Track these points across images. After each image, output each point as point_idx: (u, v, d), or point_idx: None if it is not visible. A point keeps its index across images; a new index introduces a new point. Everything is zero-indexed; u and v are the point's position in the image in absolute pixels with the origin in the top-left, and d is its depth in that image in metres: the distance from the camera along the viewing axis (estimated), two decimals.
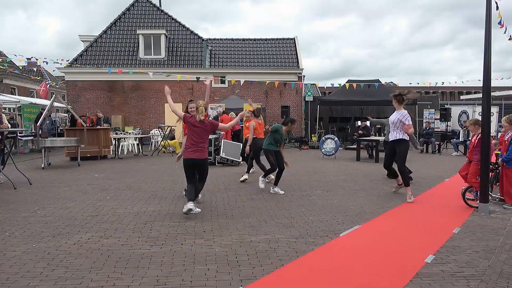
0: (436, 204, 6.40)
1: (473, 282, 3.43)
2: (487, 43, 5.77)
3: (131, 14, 23.76)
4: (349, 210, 6.01)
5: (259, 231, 4.90)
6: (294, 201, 6.61)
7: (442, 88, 58.56)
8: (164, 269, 3.68)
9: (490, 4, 5.80)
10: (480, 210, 5.82)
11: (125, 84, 21.46)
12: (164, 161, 12.34)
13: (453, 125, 18.45)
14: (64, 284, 3.36)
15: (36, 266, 3.73)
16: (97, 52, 22.19)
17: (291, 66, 22.41)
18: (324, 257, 4.04)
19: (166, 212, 5.80)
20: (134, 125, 21.39)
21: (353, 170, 10.47)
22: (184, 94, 21.72)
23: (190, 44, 22.86)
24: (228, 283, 3.40)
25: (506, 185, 6.23)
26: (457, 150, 15.01)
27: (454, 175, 9.40)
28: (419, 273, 3.61)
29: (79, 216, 5.55)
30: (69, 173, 9.80)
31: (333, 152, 13.47)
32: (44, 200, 6.58)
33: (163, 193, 7.21)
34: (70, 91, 21.61)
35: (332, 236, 4.69)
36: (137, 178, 8.92)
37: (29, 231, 4.86)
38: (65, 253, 4.09)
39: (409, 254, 4.11)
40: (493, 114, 18.56)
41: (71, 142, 11.44)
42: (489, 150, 5.84)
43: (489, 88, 5.83)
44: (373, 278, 3.51)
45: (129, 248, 4.24)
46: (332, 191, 7.51)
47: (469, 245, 4.40)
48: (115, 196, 6.97)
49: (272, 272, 3.62)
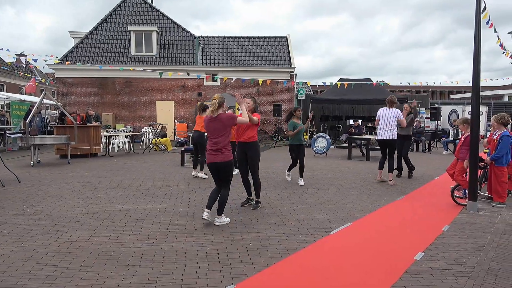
0: (426, 202, 6.47)
1: (461, 279, 3.48)
2: (477, 44, 5.84)
3: (123, 10, 23.55)
4: (340, 208, 6.04)
5: (250, 229, 4.90)
6: (285, 199, 6.63)
7: (432, 87, 59.14)
8: (155, 267, 3.66)
9: (480, 6, 5.86)
10: (468, 208, 5.90)
11: (116, 81, 21.28)
12: (155, 159, 12.28)
13: (443, 124, 18.66)
14: (53, 282, 3.33)
15: (24, 265, 3.69)
16: (88, 49, 21.96)
17: (283, 65, 22.43)
18: (315, 254, 4.06)
19: (157, 210, 5.77)
20: (125, 123, 21.25)
21: (344, 168, 10.53)
22: (175, 92, 21.64)
23: (182, 41, 22.75)
24: (219, 281, 3.40)
25: (494, 184, 6.31)
26: (447, 149, 15.18)
27: (443, 174, 9.51)
28: (408, 270, 3.64)
29: (69, 214, 5.50)
30: (59, 171, 9.70)
31: (324, 150, 13.53)
32: (33, 198, 6.50)
33: (154, 191, 7.17)
34: (60, 88, 21.36)
35: (323, 234, 4.71)
36: (128, 176, 8.86)
37: (18, 229, 4.80)
38: (55, 251, 4.05)
39: (399, 251, 4.15)
40: (482, 114, 18.82)
41: (61, 139, 11.31)
42: (477, 148, 5.92)
43: (478, 88, 5.90)
44: (363, 275, 3.53)
45: (119, 246, 4.21)
46: (323, 189, 7.55)
47: (458, 243, 4.45)
48: (106, 194, 6.92)
49: (263, 270, 3.63)
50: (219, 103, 5.03)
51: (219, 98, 5.07)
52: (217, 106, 5.01)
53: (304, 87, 33.75)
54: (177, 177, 8.83)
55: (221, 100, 5.06)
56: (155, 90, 21.52)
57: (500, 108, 26.20)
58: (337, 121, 21.64)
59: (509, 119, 6.43)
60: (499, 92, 44.40)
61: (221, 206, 5.07)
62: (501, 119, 6.32)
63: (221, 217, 5.08)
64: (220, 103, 5.04)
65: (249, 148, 5.88)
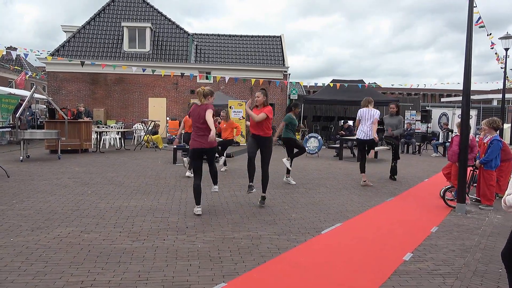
0: (415, 204, 6.55)
1: (449, 279, 3.54)
2: (468, 48, 5.92)
3: (116, 5, 23.37)
4: (331, 208, 6.09)
5: (241, 227, 4.92)
6: (277, 198, 6.66)
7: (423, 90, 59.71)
8: (146, 265, 3.66)
9: (472, 10, 5.95)
10: (457, 210, 5.99)
11: (108, 77, 21.11)
12: (146, 156, 12.22)
13: (433, 126, 18.83)
14: (43, 278, 3.31)
15: (14, 260, 3.66)
16: (80, 43, 21.75)
17: (277, 64, 22.47)
18: (306, 254, 4.10)
19: (148, 207, 5.76)
20: (116, 119, 21.10)
21: (335, 168, 10.60)
22: (168, 89, 21.55)
23: (176, 38, 22.65)
24: (211, 279, 3.41)
25: (483, 187, 6.42)
26: (437, 151, 15.36)
27: (433, 176, 9.63)
28: (397, 271, 3.70)
29: (59, 210, 5.46)
30: (49, 166, 9.60)
31: (316, 150, 13.59)
32: (22, 193, 6.44)
33: (145, 188, 7.15)
34: (51, 83, 21.13)
35: (314, 234, 4.75)
36: (119, 173, 8.81)
37: (7, 224, 4.75)
38: (45, 247, 4.02)
39: (388, 252, 4.21)
40: (472, 117, 19.05)
41: (51, 134, 11.19)
42: (467, 151, 6.01)
43: (468, 91, 5.99)
44: (353, 275, 3.57)
45: (110, 243, 4.20)
46: (315, 189, 7.59)
47: (446, 244, 4.52)
48: (97, 190, 6.88)
49: (254, 268, 3.65)
50: (204, 93, 5.46)
51: (205, 88, 5.54)
52: (202, 95, 5.43)
53: (297, 87, 33.84)
54: (169, 174, 8.81)
55: (207, 91, 5.50)
56: (148, 87, 21.41)
57: (490, 112, 26.59)
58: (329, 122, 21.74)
59: (500, 124, 6.53)
60: (489, 96, 45.05)
61: (215, 176, 5.72)
62: (492, 124, 6.42)
63: (217, 186, 5.77)
64: (206, 94, 5.47)
65: (263, 143, 6.09)
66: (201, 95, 5.44)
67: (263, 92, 6.11)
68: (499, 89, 35.39)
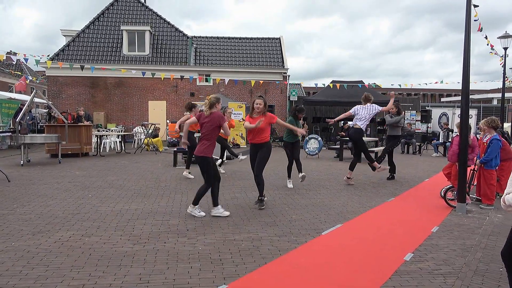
0: (416, 204, 6.55)
1: (449, 279, 3.54)
2: (467, 48, 5.93)
3: (115, 9, 23.42)
4: (331, 209, 6.09)
5: (242, 229, 4.92)
6: (277, 199, 6.66)
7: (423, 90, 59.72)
8: (146, 268, 3.67)
9: (470, 9, 5.96)
10: (457, 210, 5.99)
11: (108, 81, 21.15)
12: (147, 159, 12.23)
13: (433, 126, 18.83)
14: (44, 282, 3.31)
15: (15, 265, 3.67)
16: (80, 47, 21.78)
17: (276, 66, 22.49)
18: (306, 254, 4.10)
19: (149, 210, 5.77)
20: (116, 122, 21.11)
21: (336, 169, 10.60)
22: (168, 92, 21.57)
23: (175, 41, 22.68)
24: (211, 281, 3.41)
25: (483, 186, 6.42)
26: (437, 151, 15.36)
27: (433, 176, 9.63)
28: (398, 271, 3.70)
29: (60, 214, 5.46)
30: (50, 170, 9.62)
31: (316, 151, 13.60)
32: (23, 198, 6.45)
33: (146, 191, 7.16)
34: (51, 87, 21.16)
35: (315, 235, 4.75)
36: (119, 176, 8.83)
37: (8, 229, 4.76)
38: (46, 251, 4.03)
39: (388, 252, 4.21)
40: (472, 117, 19.05)
41: (51, 138, 11.21)
42: (467, 151, 6.01)
43: (468, 90, 6.00)
44: (353, 275, 3.58)
45: (111, 247, 4.21)
46: (315, 190, 7.60)
47: (447, 244, 4.52)
48: (97, 194, 6.88)
49: (255, 270, 3.65)
50: (211, 103, 5.41)
51: (212, 98, 5.46)
52: (209, 105, 5.41)
53: (297, 89, 33.89)
54: (169, 177, 8.82)
55: (213, 100, 5.45)
56: (148, 90, 21.43)
57: (490, 111, 26.59)
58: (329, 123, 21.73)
59: (499, 123, 6.54)
60: (489, 96, 45.05)
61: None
62: (491, 123, 6.43)
63: (217, 208, 5.49)
64: (212, 103, 5.43)
65: (261, 148, 6.19)
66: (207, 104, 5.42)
67: (263, 99, 6.22)
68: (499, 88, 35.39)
